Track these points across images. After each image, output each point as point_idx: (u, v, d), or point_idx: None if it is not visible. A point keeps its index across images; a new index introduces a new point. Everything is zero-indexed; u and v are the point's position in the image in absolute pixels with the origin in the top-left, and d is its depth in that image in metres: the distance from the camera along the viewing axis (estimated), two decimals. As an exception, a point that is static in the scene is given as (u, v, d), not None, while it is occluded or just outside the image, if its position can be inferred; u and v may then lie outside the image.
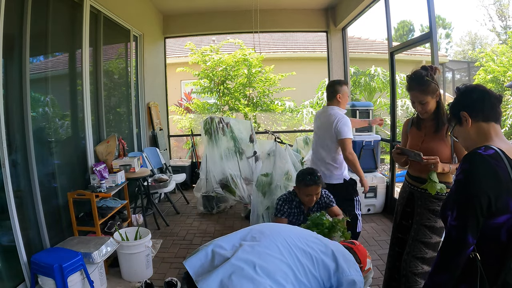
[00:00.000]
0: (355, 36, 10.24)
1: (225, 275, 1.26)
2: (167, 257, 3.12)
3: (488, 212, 1.08)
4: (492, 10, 16.67)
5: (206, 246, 1.45)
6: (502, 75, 6.96)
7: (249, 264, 1.30)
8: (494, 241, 1.11)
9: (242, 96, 7.42)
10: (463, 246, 1.11)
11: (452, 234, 1.14)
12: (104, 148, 3.41)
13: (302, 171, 2.52)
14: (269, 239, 1.43)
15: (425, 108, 1.83)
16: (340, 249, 1.57)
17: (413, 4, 30.26)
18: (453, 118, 1.30)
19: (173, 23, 5.78)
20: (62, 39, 3.12)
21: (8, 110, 2.33)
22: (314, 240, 1.54)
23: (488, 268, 1.12)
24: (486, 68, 7.29)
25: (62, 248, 2.40)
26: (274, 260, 1.34)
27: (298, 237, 1.49)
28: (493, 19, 19.97)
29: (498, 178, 1.09)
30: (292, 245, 1.42)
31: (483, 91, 1.24)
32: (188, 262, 1.38)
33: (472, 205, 1.09)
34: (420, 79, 1.78)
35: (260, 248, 1.37)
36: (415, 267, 1.86)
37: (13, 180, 2.27)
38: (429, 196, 1.84)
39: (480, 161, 1.12)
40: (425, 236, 1.84)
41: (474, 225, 1.09)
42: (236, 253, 1.34)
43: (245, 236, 1.47)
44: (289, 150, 3.86)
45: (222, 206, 4.41)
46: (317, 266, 1.40)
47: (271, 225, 1.62)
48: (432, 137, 1.88)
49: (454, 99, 1.32)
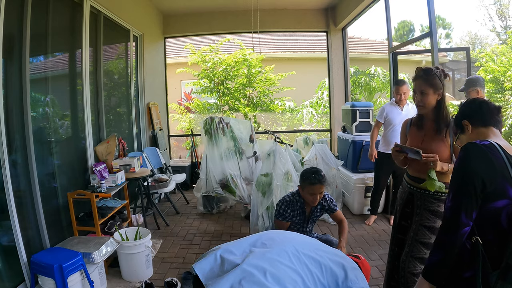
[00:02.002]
0: (355, 36, 10.25)
1: (235, 280, 1.26)
2: (167, 257, 3.12)
3: (483, 193, 1.16)
4: (492, 10, 16.70)
5: (214, 250, 1.45)
6: (502, 75, 6.95)
7: (259, 270, 1.31)
8: (495, 226, 1.16)
9: (242, 96, 7.42)
10: (457, 225, 1.19)
11: (447, 214, 1.25)
12: (104, 148, 3.41)
13: (306, 170, 2.54)
14: (280, 247, 1.44)
15: (424, 100, 1.86)
16: (348, 260, 1.59)
17: (413, 4, 30.32)
18: (456, 128, 1.44)
19: (173, 23, 5.79)
20: (62, 39, 3.12)
21: (8, 110, 2.33)
22: (323, 249, 1.56)
23: (491, 252, 1.16)
24: (486, 68, 7.28)
25: (62, 248, 2.40)
26: (283, 267, 1.36)
27: (307, 245, 1.51)
28: (493, 19, 20.01)
29: (491, 161, 1.17)
30: (302, 253, 1.44)
31: (482, 102, 1.37)
32: (197, 265, 1.39)
33: (465, 186, 1.18)
34: (428, 71, 1.86)
35: (271, 255, 1.38)
36: (413, 267, 1.85)
37: (13, 180, 2.27)
38: (429, 197, 1.84)
39: (473, 148, 1.22)
40: (425, 236, 1.84)
41: (468, 205, 1.17)
42: (246, 258, 1.35)
43: (255, 242, 1.49)
44: (289, 150, 3.86)
45: (222, 206, 4.41)
46: (325, 274, 1.42)
47: (281, 233, 1.64)
48: (432, 137, 1.88)
49: (457, 112, 1.44)
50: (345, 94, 5.82)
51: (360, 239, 3.34)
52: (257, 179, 3.60)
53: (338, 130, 5.50)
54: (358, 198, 4.04)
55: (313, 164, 4.08)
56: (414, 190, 1.93)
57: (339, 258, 1.53)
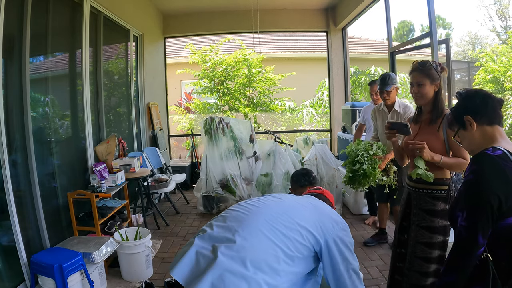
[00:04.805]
0: (355, 36, 10.25)
1: (214, 276, 1.21)
2: (167, 257, 3.12)
3: (499, 212, 1.09)
4: (492, 10, 16.69)
5: (187, 250, 1.36)
6: (502, 75, 6.95)
7: (236, 260, 1.25)
8: (506, 241, 1.12)
9: (242, 96, 7.42)
10: (474, 247, 1.11)
11: (462, 234, 1.15)
12: (104, 148, 3.41)
13: (296, 173, 2.51)
14: (249, 225, 1.38)
15: (421, 91, 1.85)
16: (315, 203, 1.60)
17: (413, 4, 30.31)
18: (455, 123, 1.31)
19: (173, 23, 5.78)
20: (62, 39, 3.12)
21: (8, 110, 2.33)
22: (292, 205, 1.54)
23: (499, 267, 1.12)
24: (486, 68, 7.28)
25: (62, 248, 2.40)
26: (260, 246, 1.31)
27: (277, 212, 1.46)
28: (493, 19, 19.97)
29: (507, 178, 1.10)
30: (274, 222, 1.39)
31: (486, 95, 1.26)
32: (175, 271, 1.29)
33: (482, 205, 1.10)
34: (424, 62, 1.87)
35: (242, 240, 1.32)
36: (419, 266, 1.85)
37: (13, 180, 2.27)
38: (423, 195, 1.84)
39: (489, 162, 1.13)
40: (424, 236, 1.83)
41: (485, 225, 1.10)
42: (219, 250, 1.28)
43: (223, 229, 1.40)
44: (289, 150, 3.87)
45: (222, 206, 4.41)
46: (305, 235, 1.39)
47: (245, 207, 1.53)
48: (426, 129, 1.89)
49: (456, 104, 1.33)
50: (345, 94, 5.82)
51: (360, 239, 3.34)
52: (257, 179, 3.61)
53: (338, 130, 5.50)
54: (358, 198, 4.04)
55: (313, 164, 4.09)
56: (411, 190, 1.94)
57: (306, 210, 1.51)
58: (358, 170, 2.37)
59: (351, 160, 2.46)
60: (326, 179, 4.00)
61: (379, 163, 2.44)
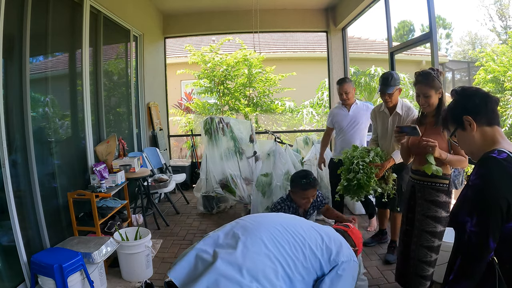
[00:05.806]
0: (355, 36, 10.24)
1: (210, 281, 1.21)
2: (167, 257, 3.12)
3: (507, 214, 1.08)
4: (492, 10, 16.69)
5: (187, 252, 1.37)
6: (502, 75, 6.95)
7: (233, 266, 1.25)
8: (511, 243, 1.11)
9: (242, 96, 7.42)
10: (485, 252, 1.10)
11: (472, 240, 1.12)
12: (104, 148, 3.41)
13: (295, 175, 2.50)
14: (253, 235, 1.37)
15: (428, 101, 2.00)
16: (331, 234, 1.54)
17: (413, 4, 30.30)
18: (453, 122, 1.27)
19: (173, 23, 5.78)
20: (62, 39, 3.12)
21: (8, 110, 2.33)
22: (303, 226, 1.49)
23: (503, 270, 1.12)
24: (486, 68, 7.27)
25: (62, 248, 2.40)
26: (259, 257, 1.30)
27: (284, 227, 1.44)
28: (493, 19, 19.97)
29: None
30: (279, 237, 1.38)
31: (485, 95, 1.23)
32: (172, 272, 1.30)
33: (492, 210, 1.09)
34: (427, 75, 1.99)
35: (244, 248, 1.31)
36: (423, 255, 1.99)
37: (13, 180, 2.27)
38: (427, 187, 1.99)
39: (496, 165, 1.11)
40: (429, 225, 1.97)
41: (495, 230, 1.09)
42: (219, 256, 1.28)
43: (227, 236, 1.41)
44: (289, 150, 3.87)
45: (222, 206, 4.41)
46: (308, 256, 1.37)
47: (254, 218, 1.53)
48: (432, 130, 2.02)
49: (453, 102, 1.29)
50: (345, 94, 5.80)
51: (360, 239, 3.34)
52: (257, 179, 3.61)
53: (338, 130, 5.48)
54: (358, 198, 4.03)
55: (313, 164, 4.08)
56: (415, 183, 2.08)
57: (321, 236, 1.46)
58: (353, 179, 2.29)
59: (346, 168, 2.38)
60: (326, 179, 4.01)
61: (376, 171, 2.35)
